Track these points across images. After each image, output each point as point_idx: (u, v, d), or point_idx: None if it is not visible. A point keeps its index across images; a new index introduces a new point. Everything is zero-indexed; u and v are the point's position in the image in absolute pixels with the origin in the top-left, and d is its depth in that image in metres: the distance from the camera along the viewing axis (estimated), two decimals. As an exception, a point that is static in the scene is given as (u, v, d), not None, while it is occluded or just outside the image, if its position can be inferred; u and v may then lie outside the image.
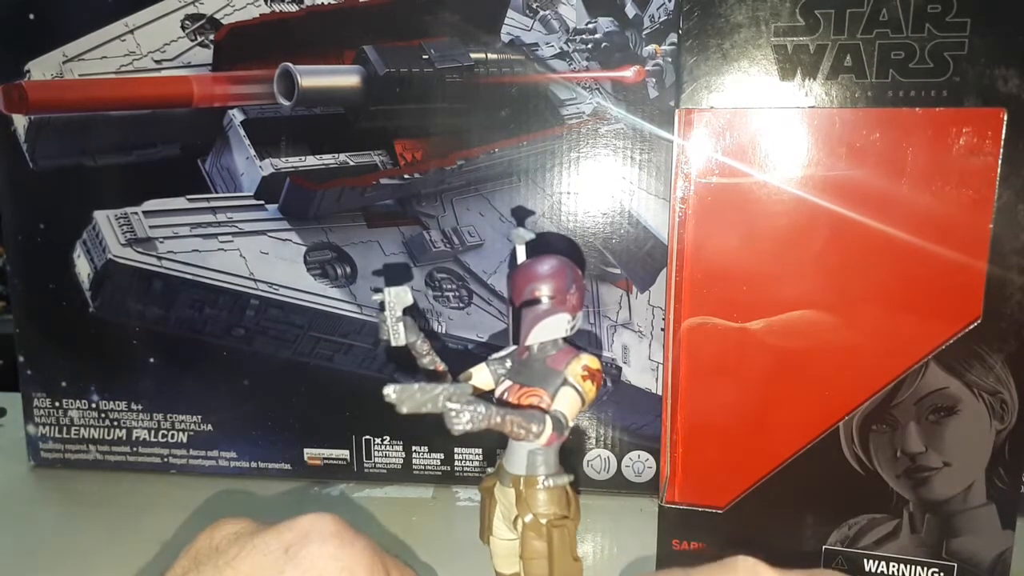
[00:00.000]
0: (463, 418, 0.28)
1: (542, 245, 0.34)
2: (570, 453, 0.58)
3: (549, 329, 0.33)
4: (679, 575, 0.31)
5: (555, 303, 0.33)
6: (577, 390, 0.32)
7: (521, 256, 0.34)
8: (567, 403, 0.32)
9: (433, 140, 0.54)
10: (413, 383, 0.28)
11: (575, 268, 0.34)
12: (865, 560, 0.47)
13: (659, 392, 0.55)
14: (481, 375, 0.36)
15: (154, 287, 0.58)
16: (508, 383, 0.34)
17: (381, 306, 0.34)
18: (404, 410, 0.28)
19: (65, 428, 0.62)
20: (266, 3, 0.54)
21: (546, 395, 0.33)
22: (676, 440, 0.48)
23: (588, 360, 0.33)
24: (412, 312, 0.35)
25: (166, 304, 0.59)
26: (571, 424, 0.32)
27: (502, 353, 0.35)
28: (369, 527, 0.54)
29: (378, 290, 0.34)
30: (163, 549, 0.51)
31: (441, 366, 0.36)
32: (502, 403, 0.33)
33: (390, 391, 0.28)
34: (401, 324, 0.35)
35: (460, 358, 0.57)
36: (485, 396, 0.34)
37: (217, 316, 0.58)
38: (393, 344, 0.35)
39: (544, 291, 0.32)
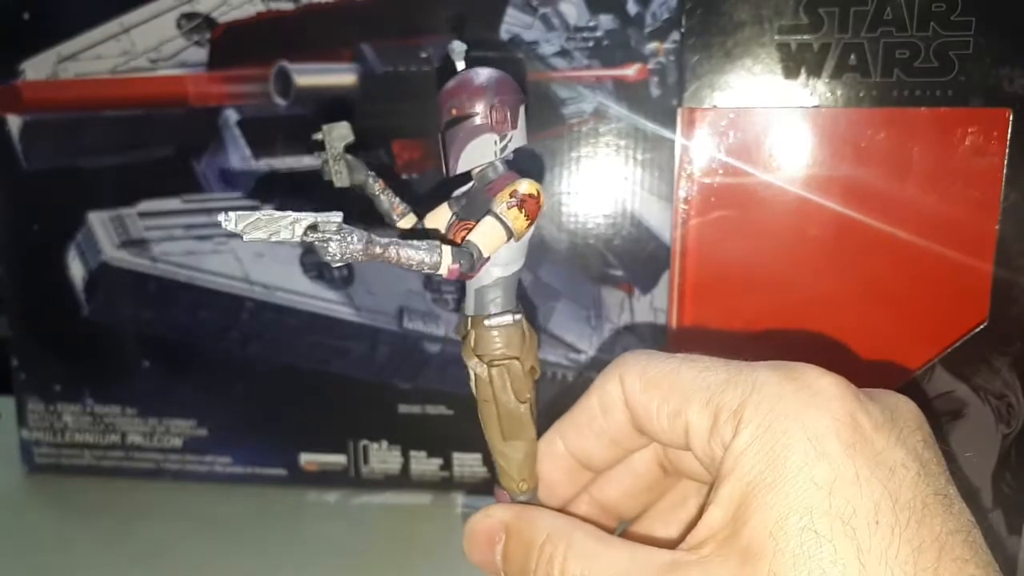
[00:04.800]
0: (331, 248, 0.25)
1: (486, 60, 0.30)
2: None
3: (475, 153, 0.29)
4: (721, 372, 0.24)
5: (479, 121, 0.28)
6: (499, 219, 0.27)
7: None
8: (482, 232, 0.28)
9: (431, 139, 0.54)
10: (256, 211, 0.24)
11: (506, 80, 0.29)
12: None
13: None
14: (443, 214, 0.32)
15: (148, 289, 0.58)
16: (454, 219, 0.31)
17: (320, 145, 0.31)
18: (247, 238, 0.24)
19: (59, 433, 0.61)
20: (262, 2, 0.54)
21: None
22: (678, 444, 0.47)
23: (522, 186, 0.28)
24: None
25: (160, 307, 0.58)
26: (486, 256, 0.28)
27: (464, 189, 0.32)
28: (366, 534, 0.53)
29: (317, 130, 0.30)
30: (158, 555, 0.51)
31: (400, 206, 0.32)
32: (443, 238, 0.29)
33: (225, 217, 0.24)
34: (343, 162, 0.31)
35: (459, 362, 0.56)
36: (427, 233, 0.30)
37: (212, 319, 0.58)
38: (337, 185, 0.31)
39: (464, 108, 0.28)
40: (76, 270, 0.59)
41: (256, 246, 0.56)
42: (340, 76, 0.53)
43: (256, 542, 0.52)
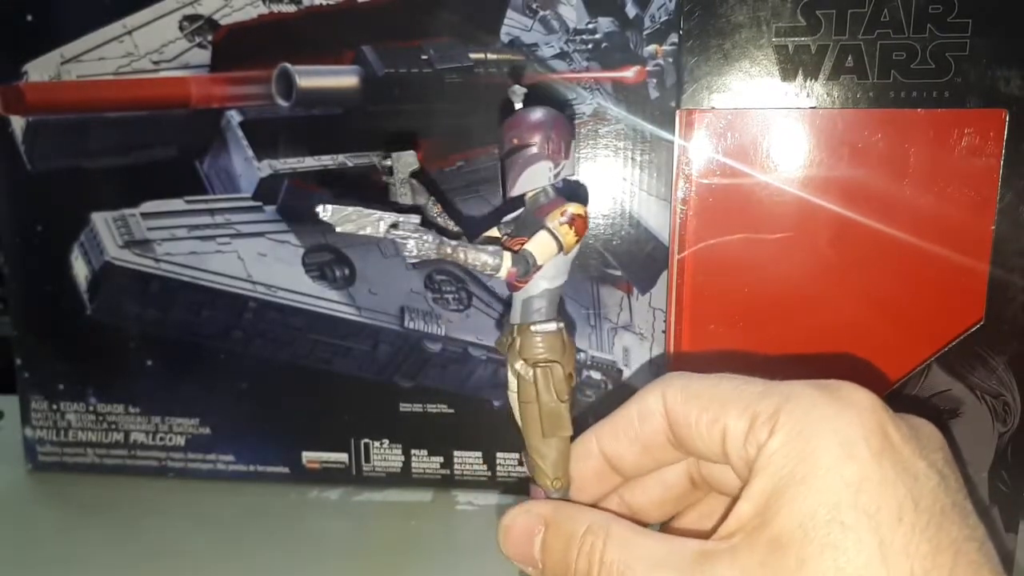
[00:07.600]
0: (408, 245, 0.28)
1: (541, 99, 0.34)
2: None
3: (531, 178, 0.32)
4: (758, 385, 0.26)
5: (536, 150, 0.32)
6: (552, 233, 0.31)
7: None
8: (537, 244, 0.31)
9: (432, 141, 0.54)
10: (348, 206, 0.27)
11: (561, 118, 0.33)
12: (867, 564, 0.46)
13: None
14: (493, 237, 0.35)
15: (152, 289, 0.58)
16: (506, 238, 0.34)
17: (390, 171, 0.34)
18: (339, 229, 0.27)
19: (63, 431, 0.62)
20: (264, 4, 0.54)
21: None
22: (677, 443, 0.48)
23: (572, 207, 0.31)
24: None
25: (164, 306, 0.58)
26: (539, 264, 0.32)
27: (515, 215, 0.35)
28: (367, 531, 0.54)
29: (386, 156, 0.34)
30: (161, 553, 0.51)
31: (453, 230, 0.35)
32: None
33: (323, 209, 0.27)
34: (408, 186, 0.35)
35: (460, 361, 0.56)
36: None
37: (215, 318, 0.58)
38: (403, 202, 0.35)
39: (524, 139, 0.32)
40: (80, 270, 0.59)
41: (257, 247, 0.56)
42: (342, 78, 0.54)
43: (258, 539, 0.52)
